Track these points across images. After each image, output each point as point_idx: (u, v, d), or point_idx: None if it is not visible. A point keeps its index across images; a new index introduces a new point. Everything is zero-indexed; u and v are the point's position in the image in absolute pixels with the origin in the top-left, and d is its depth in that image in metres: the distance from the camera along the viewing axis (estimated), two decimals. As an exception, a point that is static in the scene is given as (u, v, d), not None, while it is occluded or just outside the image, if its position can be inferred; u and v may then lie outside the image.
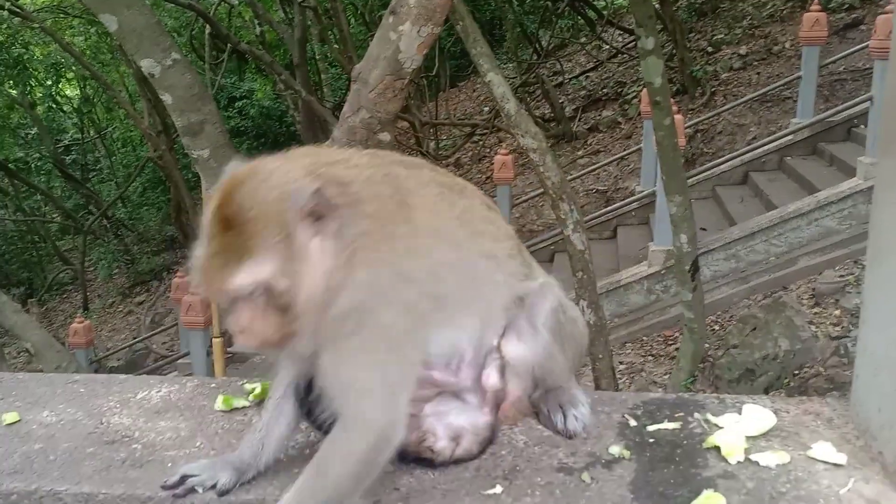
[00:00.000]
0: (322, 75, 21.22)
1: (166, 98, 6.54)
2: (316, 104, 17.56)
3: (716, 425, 2.30)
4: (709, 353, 9.48)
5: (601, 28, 21.21)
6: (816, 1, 12.63)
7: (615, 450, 2.21)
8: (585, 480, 2.08)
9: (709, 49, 17.87)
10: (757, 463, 2.11)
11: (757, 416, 2.30)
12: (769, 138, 13.22)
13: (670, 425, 2.32)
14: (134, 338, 17.69)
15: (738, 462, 2.12)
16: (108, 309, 21.82)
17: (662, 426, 2.32)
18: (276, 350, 2.04)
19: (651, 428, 2.32)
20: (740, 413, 2.33)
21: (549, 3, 21.29)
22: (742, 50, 17.03)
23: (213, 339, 9.07)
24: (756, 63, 16.45)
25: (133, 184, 24.80)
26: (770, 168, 13.21)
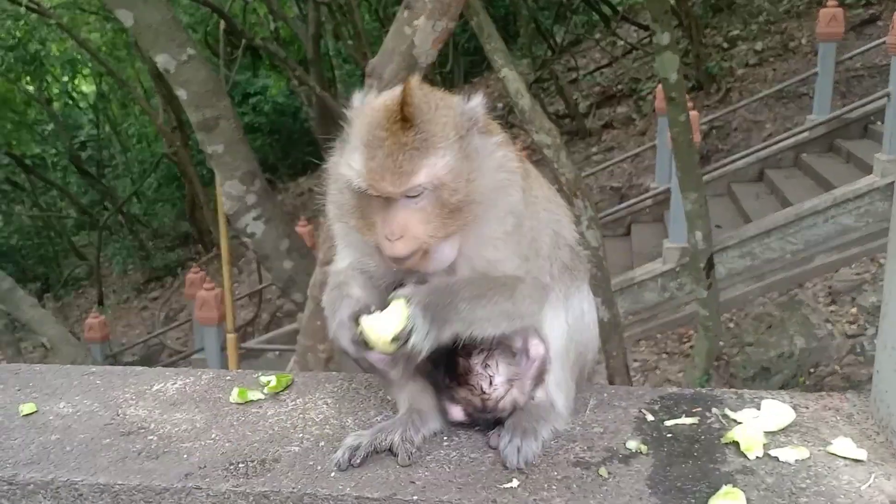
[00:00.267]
0: (336, 71, 21.26)
1: (181, 94, 6.58)
2: (330, 100, 17.60)
3: (734, 420, 2.28)
4: (724, 351, 9.44)
5: (616, 24, 21.17)
6: (833, -4, 12.57)
7: (632, 444, 2.20)
8: (603, 475, 2.07)
9: (724, 45, 17.77)
10: (776, 458, 2.09)
11: (776, 412, 2.28)
12: (785, 135, 13.16)
13: (688, 420, 2.30)
14: (148, 333, 17.81)
15: (757, 457, 2.10)
16: (123, 304, 21.96)
17: (680, 421, 2.30)
18: (422, 264, 2.05)
19: (668, 423, 2.30)
20: (759, 408, 2.31)
21: (564, -1, 21.30)
22: (758, 46, 16.92)
23: (227, 335, 9.11)
24: (772, 59, 16.35)
25: (148, 180, 24.98)
26: (786, 165, 13.15)
